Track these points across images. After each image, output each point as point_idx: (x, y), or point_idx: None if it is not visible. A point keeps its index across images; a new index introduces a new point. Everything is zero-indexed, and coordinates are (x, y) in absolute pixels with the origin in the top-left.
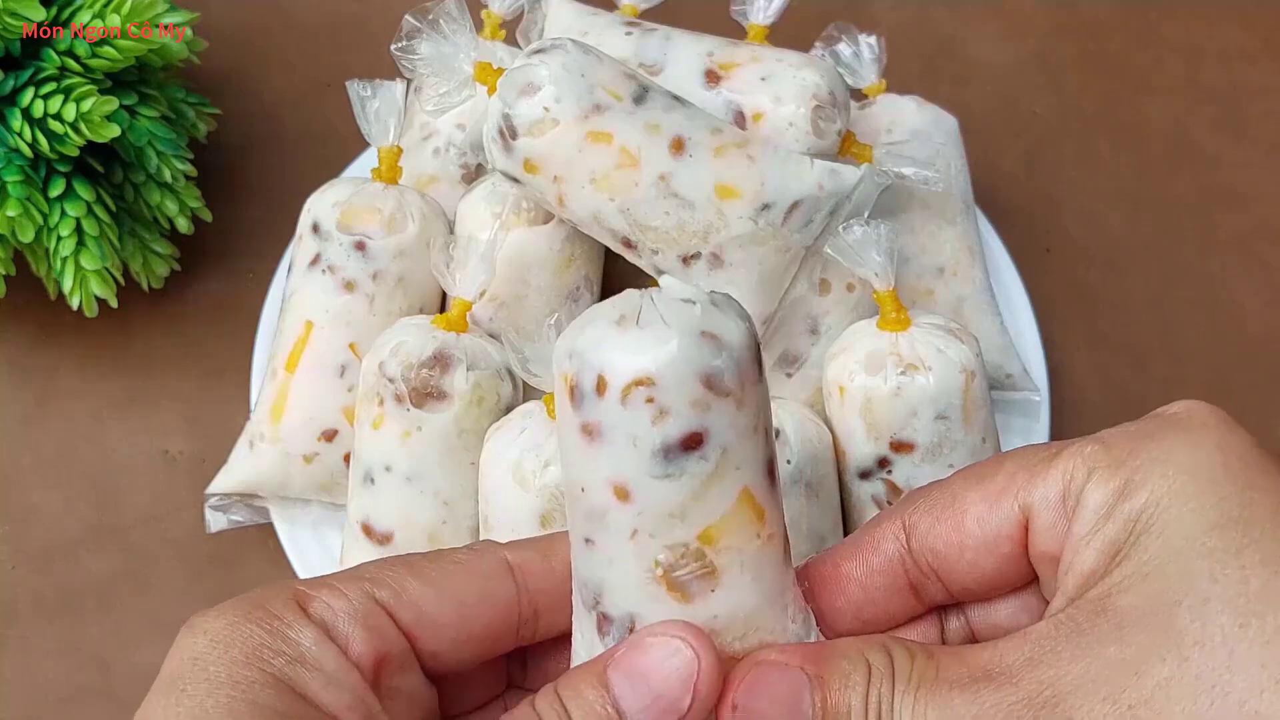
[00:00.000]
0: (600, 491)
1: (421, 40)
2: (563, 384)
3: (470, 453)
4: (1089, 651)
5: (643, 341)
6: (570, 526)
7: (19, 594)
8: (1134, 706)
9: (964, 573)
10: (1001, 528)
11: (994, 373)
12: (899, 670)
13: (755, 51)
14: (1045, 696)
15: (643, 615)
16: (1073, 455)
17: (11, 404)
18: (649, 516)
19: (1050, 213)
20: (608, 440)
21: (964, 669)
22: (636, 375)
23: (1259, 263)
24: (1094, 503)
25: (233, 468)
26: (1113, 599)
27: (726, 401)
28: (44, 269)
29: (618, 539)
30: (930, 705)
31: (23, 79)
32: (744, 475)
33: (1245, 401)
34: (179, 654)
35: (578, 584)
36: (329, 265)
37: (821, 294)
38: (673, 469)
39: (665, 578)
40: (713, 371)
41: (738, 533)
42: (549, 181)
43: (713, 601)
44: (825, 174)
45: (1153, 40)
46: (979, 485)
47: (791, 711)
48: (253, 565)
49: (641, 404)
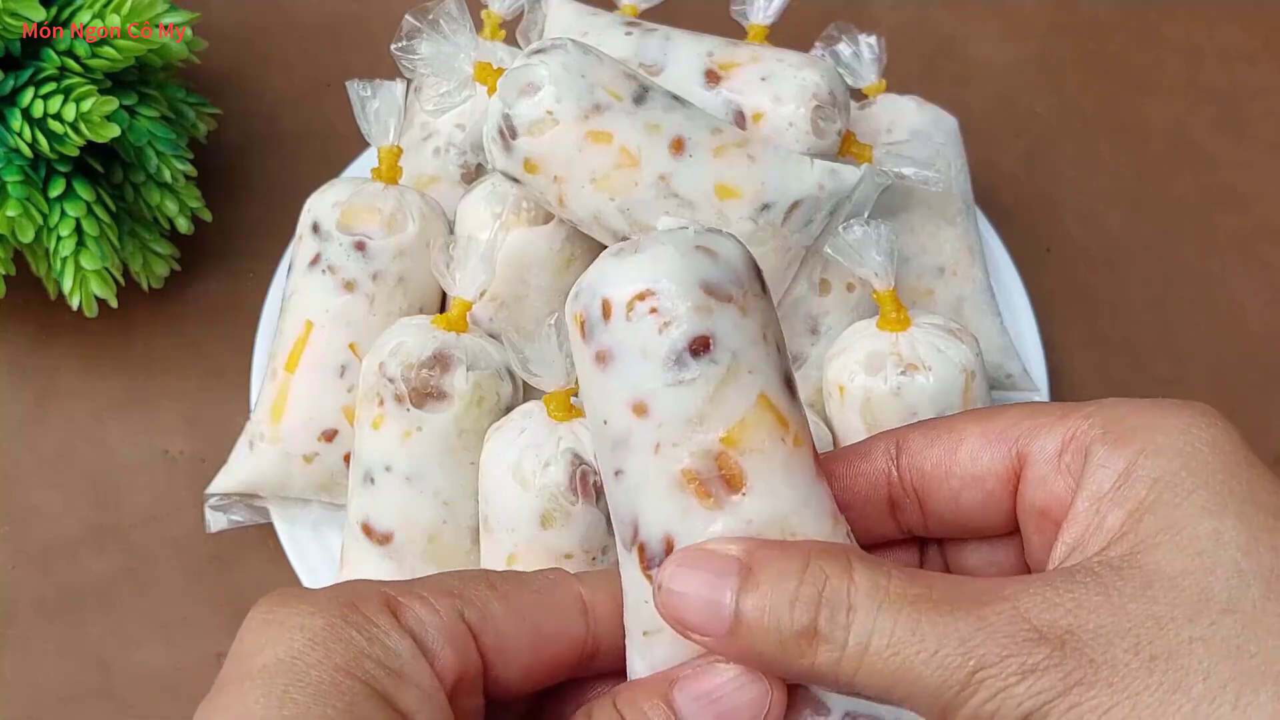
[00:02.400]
0: (620, 415)
1: (421, 40)
2: (574, 324)
3: (470, 453)
4: (1111, 602)
5: (640, 260)
6: (601, 471)
7: (19, 594)
8: (1156, 658)
9: (945, 500)
10: (993, 466)
11: (994, 373)
12: (865, 582)
13: (755, 51)
14: (1060, 633)
15: (678, 532)
16: (1082, 417)
17: (11, 404)
18: (669, 427)
19: (1050, 213)
20: (619, 360)
21: (959, 591)
22: (637, 289)
23: (1259, 263)
24: (1113, 463)
25: (233, 468)
26: (1139, 557)
27: (729, 307)
28: (44, 269)
29: (643, 458)
30: (921, 623)
31: (23, 79)
32: (759, 380)
33: (1245, 401)
34: (272, 647)
35: (616, 527)
36: (329, 265)
37: (821, 294)
38: (685, 374)
39: (694, 484)
40: (711, 278)
41: (762, 436)
42: (549, 181)
43: (745, 506)
44: (825, 174)
45: (1153, 40)
46: (980, 421)
47: (710, 604)
48: (253, 565)
49: (646, 316)
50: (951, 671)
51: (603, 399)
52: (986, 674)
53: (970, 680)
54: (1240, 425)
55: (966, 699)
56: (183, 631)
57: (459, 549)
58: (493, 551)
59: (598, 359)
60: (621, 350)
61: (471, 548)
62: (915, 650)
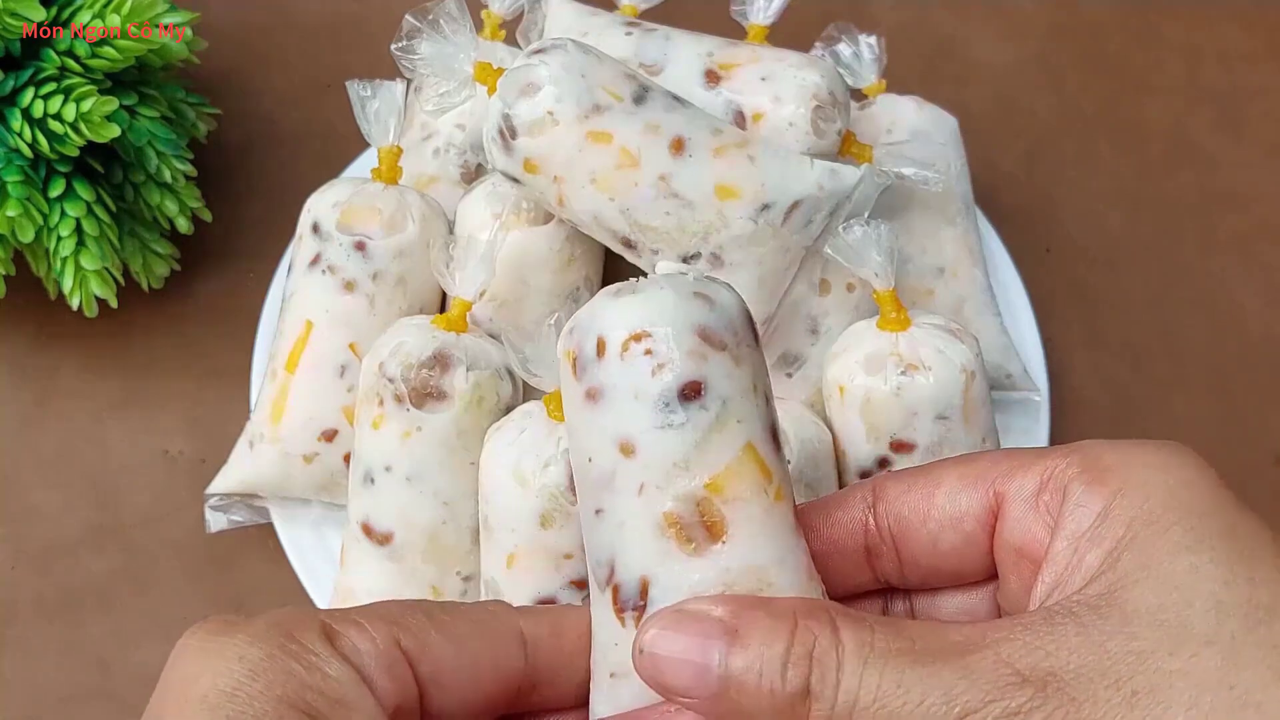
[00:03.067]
0: (606, 453)
1: (421, 40)
2: (566, 360)
3: (470, 453)
4: (1091, 640)
5: (638, 301)
6: (581, 507)
7: (19, 594)
8: (1138, 693)
9: (923, 544)
10: (970, 507)
11: (994, 373)
12: (851, 639)
13: (755, 51)
14: (1042, 675)
15: (656, 574)
16: (1060, 456)
17: (11, 404)
18: (655, 469)
19: (1050, 213)
20: (610, 399)
21: (942, 640)
22: (634, 330)
23: (1259, 263)
24: (1090, 503)
25: (233, 468)
26: (1117, 594)
27: (723, 355)
28: (44, 269)
29: (626, 498)
30: (905, 675)
31: (23, 79)
32: (746, 430)
33: (1245, 401)
34: (210, 677)
35: (591, 566)
36: (329, 265)
37: (821, 294)
38: (674, 418)
39: (675, 528)
40: (707, 324)
41: (745, 485)
42: (549, 181)
43: (724, 555)
44: (825, 174)
45: (1153, 40)
46: (957, 465)
47: (696, 667)
48: (253, 565)
49: (640, 357)
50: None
51: (590, 436)
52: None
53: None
54: (1240, 425)
55: None
56: (183, 631)
57: (459, 549)
58: (493, 551)
59: (588, 396)
60: (613, 389)
61: (471, 548)
62: (901, 703)
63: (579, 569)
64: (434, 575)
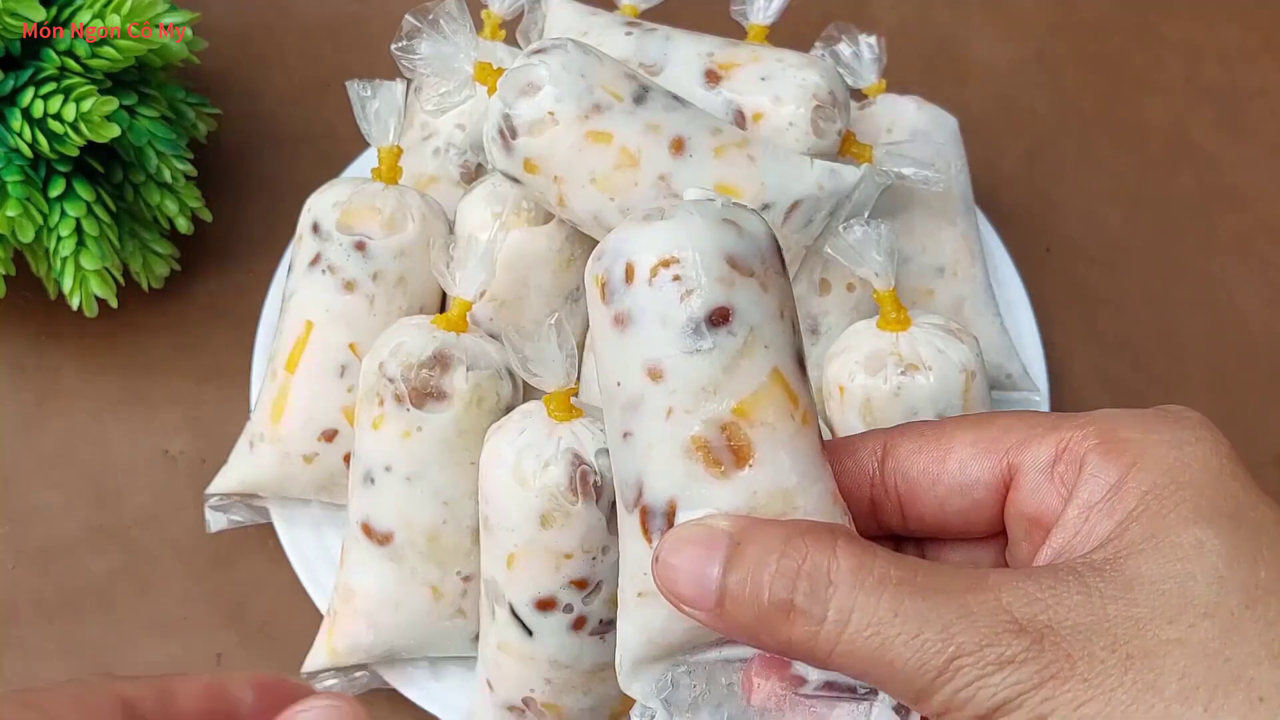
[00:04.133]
0: (635, 378)
1: (421, 40)
2: (594, 286)
3: (470, 453)
4: (1092, 601)
5: (667, 227)
6: (609, 433)
7: (19, 594)
8: (1133, 657)
9: (929, 506)
10: (982, 475)
11: (994, 373)
12: (849, 560)
13: (755, 51)
14: (1040, 627)
15: (683, 496)
16: (1074, 428)
17: (11, 404)
18: (683, 393)
19: (1050, 213)
20: (639, 324)
21: (944, 577)
22: (662, 256)
23: (1259, 263)
24: (1105, 474)
25: (233, 468)
26: (1122, 561)
27: (750, 282)
28: (44, 269)
29: (654, 421)
30: (904, 605)
31: (23, 79)
32: (773, 355)
33: (1245, 401)
34: None
35: (619, 488)
36: (329, 265)
37: (821, 294)
38: (703, 343)
39: (703, 451)
40: (735, 250)
41: (772, 410)
42: (549, 181)
43: (751, 477)
44: (825, 174)
45: (1152, 40)
46: (969, 430)
47: (700, 577)
48: (253, 565)
49: (669, 283)
50: (930, 656)
51: (618, 361)
52: (964, 661)
53: (948, 666)
54: (1240, 425)
55: (942, 684)
56: (183, 631)
57: (459, 549)
58: (493, 551)
59: (616, 321)
60: (641, 314)
61: (471, 548)
62: (896, 631)
63: (579, 569)
64: (434, 575)
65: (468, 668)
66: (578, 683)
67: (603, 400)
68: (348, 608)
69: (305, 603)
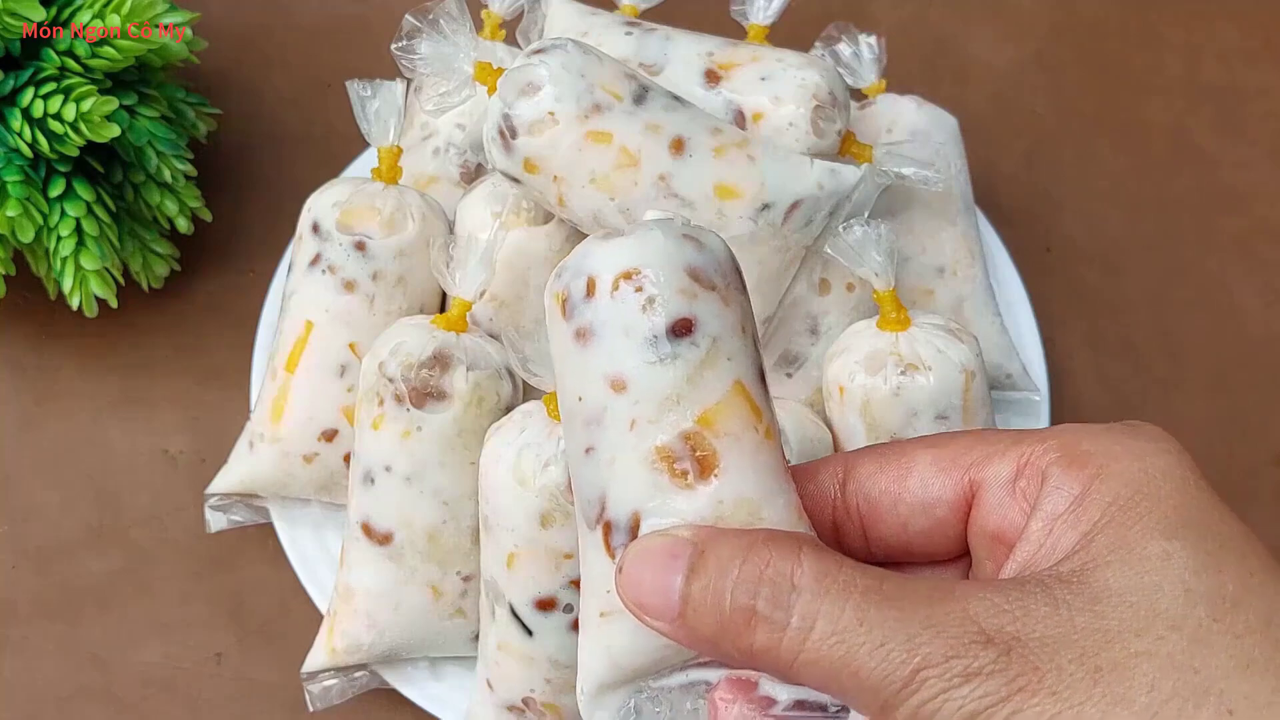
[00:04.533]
0: (598, 391)
1: (421, 40)
2: (555, 303)
3: (470, 453)
4: (1059, 613)
5: (628, 242)
6: (569, 453)
7: (19, 594)
8: (1101, 670)
9: (891, 526)
10: (943, 493)
11: (994, 373)
12: (813, 567)
13: (755, 51)
14: (1007, 639)
15: (647, 508)
16: (1035, 442)
17: (11, 404)
18: (646, 404)
19: (1050, 213)
20: (600, 336)
21: (910, 587)
22: (624, 268)
23: (1259, 263)
24: (1068, 486)
25: (233, 468)
26: (1089, 574)
27: (712, 295)
28: (44, 269)
29: (618, 434)
30: (869, 614)
31: (23, 79)
32: (736, 368)
33: (1245, 401)
34: None
35: (580, 506)
36: (329, 265)
37: (821, 294)
38: (665, 353)
39: (667, 461)
40: (697, 264)
41: (736, 421)
42: (549, 181)
43: (716, 488)
44: (825, 174)
45: (1153, 40)
46: (930, 448)
47: (662, 588)
48: (253, 565)
49: (631, 294)
50: (895, 667)
51: (580, 375)
52: (930, 673)
53: (914, 678)
54: (1240, 425)
55: (907, 697)
56: (183, 631)
57: (459, 549)
58: (493, 551)
59: (578, 335)
60: (603, 327)
61: (471, 548)
62: (861, 640)
63: (579, 568)
64: (434, 575)
65: (468, 668)
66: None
67: (563, 420)
68: (348, 608)
69: (305, 603)
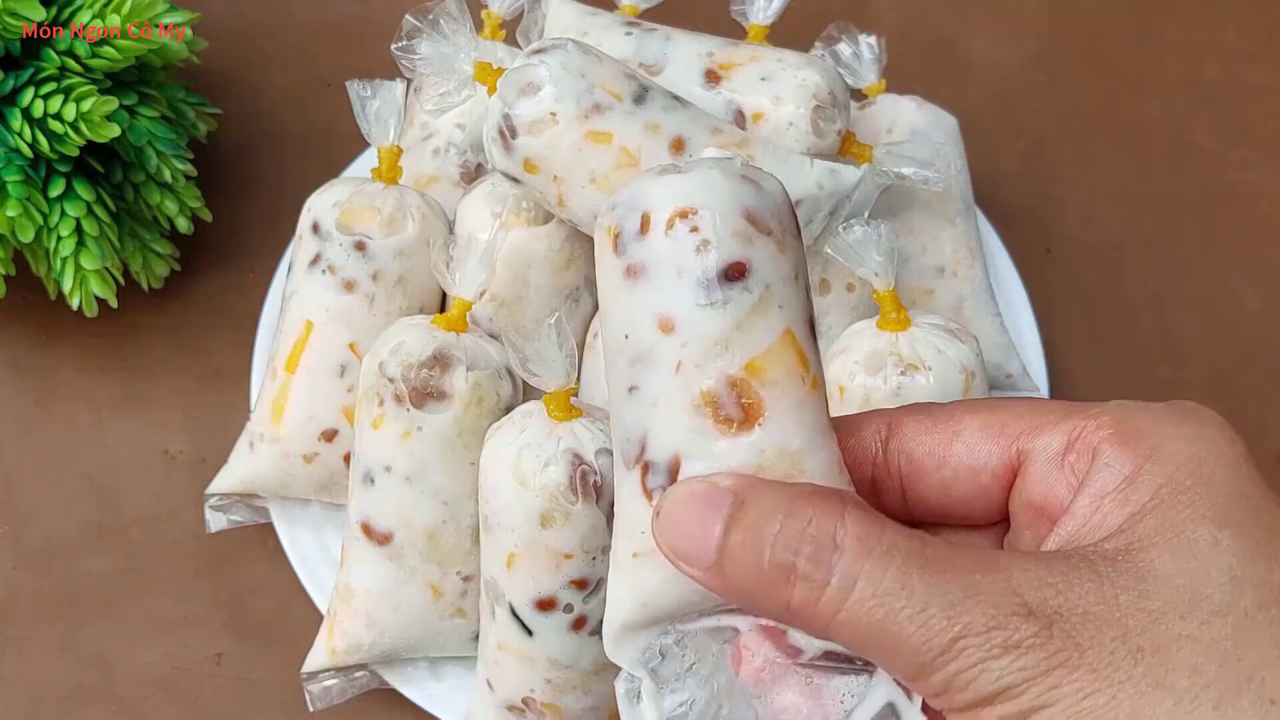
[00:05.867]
0: (646, 329)
1: (421, 40)
2: (606, 236)
3: (470, 453)
4: (1104, 589)
5: (685, 179)
6: (610, 390)
7: (19, 594)
8: (1143, 650)
9: (932, 488)
10: (990, 460)
11: (994, 372)
12: (857, 527)
13: (755, 51)
14: (1049, 612)
15: (688, 452)
16: (1088, 417)
17: (11, 404)
18: (694, 347)
19: (1050, 213)
20: (652, 275)
21: (955, 554)
22: (680, 206)
23: (1259, 263)
24: (1119, 465)
25: (233, 468)
26: (1135, 553)
27: (767, 240)
28: (44, 269)
29: (663, 375)
30: (912, 577)
31: (23, 79)
32: (787, 316)
33: (1245, 401)
34: None
35: (619, 444)
36: (329, 265)
37: (821, 294)
38: (717, 296)
39: (711, 406)
40: (754, 206)
41: (783, 370)
42: (549, 181)
43: (759, 436)
44: (825, 174)
45: (1153, 40)
46: (978, 414)
47: (700, 534)
48: (253, 565)
49: (685, 234)
50: (935, 633)
51: (628, 313)
52: (969, 642)
53: (952, 646)
54: (1240, 425)
55: (945, 664)
56: (183, 631)
57: (459, 549)
58: (493, 551)
59: (629, 272)
60: (656, 265)
61: (471, 548)
62: (902, 604)
63: (579, 569)
64: (434, 575)
65: (468, 668)
66: (578, 683)
67: (606, 356)
68: (348, 608)
69: (305, 603)
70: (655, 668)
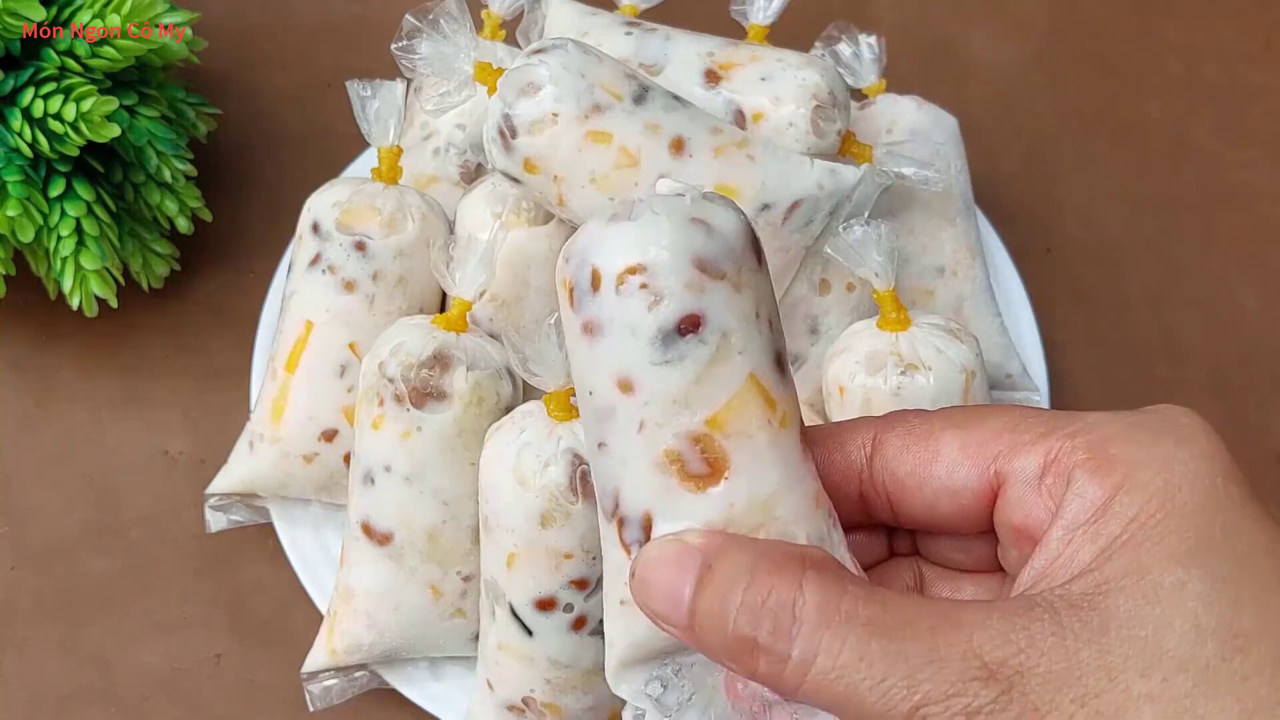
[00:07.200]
0: (606, 389)
1: (421, 40)
2: (563, 289)
3: (470, 453)
4: (1065, 645)
5: (633, 231)
6: (585, 439)
7: (19, 594)
8: (1103, 714)
9: (917, 506)
10: (969, 482)
11: (994, 372)
12: (815, 597)
13: (755, 51)
14: (1009, 673)
15: (658, 510)
16: (1064, 437)
17: (11, 404)
18: (654, 406)
19: (1050, 213)
20: (607, 333)
21: (917, 614)
22: (629, 263)
23: (1259, 263)
24: (1091, 494)
25: (233, 468)
26: (1100, 599)
27: (721, 285)
28: (44, 269)
29: (627, 435)
30: (870, 648)
31: (23, 79)
32: (749, 360)
33: (1245, 401)
34: None
35: (599, 497)
36: (329, 265)
37: (821, 294)
38: (672, 354)
39: (676, 464)
40: (705, 253)
41: (747, 418)
42: (549, 181)
43: (727, 489)
44: (825, 174)
45: (1153, 40)
46: (959, 431)
47: (673, 596)
48: (253, 565)
49: (636, 291)
50: (896, 703)
51: (589, 371)
52: (930, 710)
53: (913, 714)
54: (1240, 425)
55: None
56: (183, 631)
57: (459, 549)
58: (493, 551)
59: (585, 329)
60: (610, 324)
61: (471, 548)
62: (861, 677)
63: (579, 569)
64: (434, 575)
65: (468, 668)
66: (578, 682)
67: (579, 406)
68: (348, 608)
69: (305, 603)
70: (658, 698)
